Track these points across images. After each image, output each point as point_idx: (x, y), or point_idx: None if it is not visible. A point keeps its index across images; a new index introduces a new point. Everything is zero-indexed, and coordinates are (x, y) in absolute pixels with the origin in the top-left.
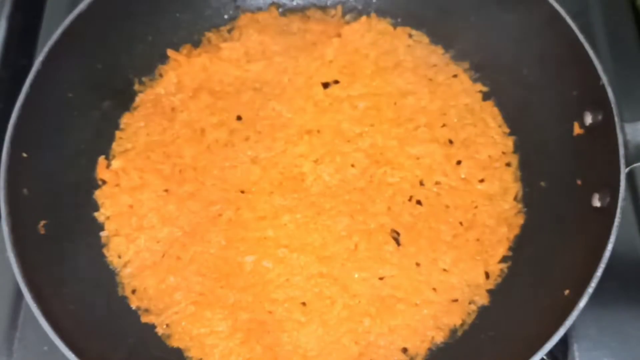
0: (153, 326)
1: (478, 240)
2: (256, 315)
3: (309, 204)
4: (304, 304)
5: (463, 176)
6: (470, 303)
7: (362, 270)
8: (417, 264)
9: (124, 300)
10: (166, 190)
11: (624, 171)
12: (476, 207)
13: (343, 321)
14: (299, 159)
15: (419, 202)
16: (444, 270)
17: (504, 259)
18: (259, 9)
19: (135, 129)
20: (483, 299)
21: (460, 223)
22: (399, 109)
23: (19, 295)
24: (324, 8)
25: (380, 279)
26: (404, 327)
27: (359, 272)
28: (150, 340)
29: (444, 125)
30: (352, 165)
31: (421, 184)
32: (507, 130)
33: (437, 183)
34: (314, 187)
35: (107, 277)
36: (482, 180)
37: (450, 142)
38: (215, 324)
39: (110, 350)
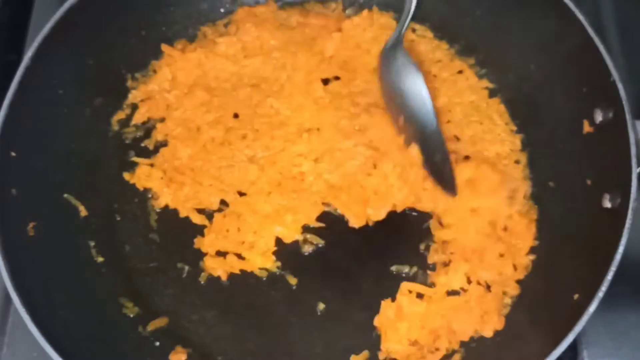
0: (147, 332)
1: None
2: None
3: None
4: None
5: None
6: None
7: None
8: None
9: (117, 304)
10: None
11: (635, 171)
12: None
13: None
14: (298, 158)
15: None
16: None
17: None
18: (257, 3)
19: None
20: None
21: None
22: None
23: (7, 299)
24: (324, 1)
25: None
26: None
27: None
28: (145, 348)
29: (448, 121)
30: None
31: None
32: (514, 128)
33: None
34: (314, 186)
35: (99, 281)
36: None
37: (457, 138)
38: None
39: (103, 357)
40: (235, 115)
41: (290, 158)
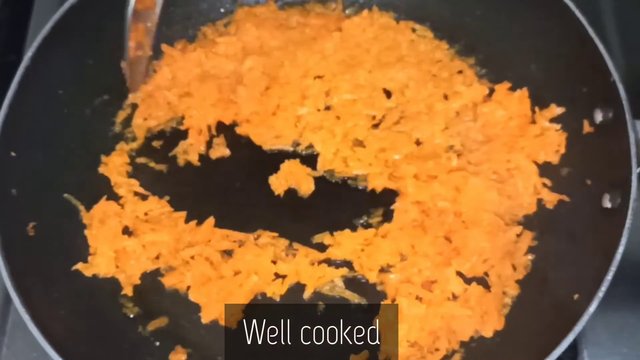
0: (147, 332)
1: None
2: None
3: None
4: None
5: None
6: None
7: None
8: None
9: (117, 304)
10: None
11: (635, 171)
12: None
13: None
14: None
15: None
16: None
17: None
18: (257, 3)
19: None
20: None
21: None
22: None
23: (7, 299)
24: (324, 1)
25: None
26: None
27: None
28: (145, 348)
29: None
30: None
31: None
32: None
33: None
34: None
35: (100, 280)
36: None
37: None
38: None
39: (103, 357)
40: None
41: None
